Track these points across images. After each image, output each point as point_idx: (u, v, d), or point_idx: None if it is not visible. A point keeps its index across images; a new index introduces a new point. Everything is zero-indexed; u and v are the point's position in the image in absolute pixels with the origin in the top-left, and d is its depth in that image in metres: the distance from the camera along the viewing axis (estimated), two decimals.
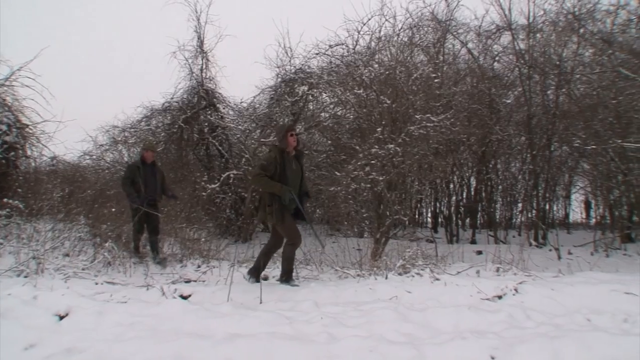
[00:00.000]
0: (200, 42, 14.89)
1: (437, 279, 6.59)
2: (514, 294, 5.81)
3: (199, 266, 8.65)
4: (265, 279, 7.41)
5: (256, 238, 13.72)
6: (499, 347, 3.76)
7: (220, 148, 14.46)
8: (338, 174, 10.71)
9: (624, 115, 12.77)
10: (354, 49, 13.69)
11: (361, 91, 10.95)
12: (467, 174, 17.77)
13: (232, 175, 13.53)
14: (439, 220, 19.28)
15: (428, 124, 9.86)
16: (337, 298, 5.84)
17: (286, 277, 6.82)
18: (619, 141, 11.70)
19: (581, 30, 13.50)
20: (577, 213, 22.47)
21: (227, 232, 13.89)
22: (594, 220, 20.21)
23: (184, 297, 5.85)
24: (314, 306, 5.20)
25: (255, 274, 7.03)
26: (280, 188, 6.56)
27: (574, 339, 3.89)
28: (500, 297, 5.72)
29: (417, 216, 20.01)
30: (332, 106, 14.70)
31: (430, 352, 3.71)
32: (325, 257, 9.07)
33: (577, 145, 13.81)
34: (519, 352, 3.71)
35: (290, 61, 14.51)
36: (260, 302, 5.56)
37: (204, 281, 7.41)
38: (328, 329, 4.25)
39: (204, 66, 14.98)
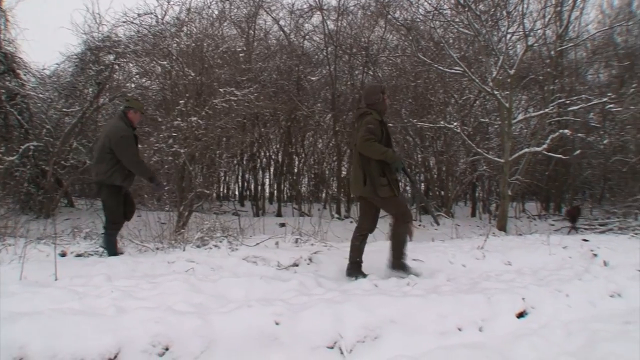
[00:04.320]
0: None
1: (235, 250, 6.55)
2: (308, 264, 5.99)
3: None
4: (63, 255, 6.78)
5: (59, 214, 12.88)
6: (283, 313, 3.80)
7: (19, 118, 13.18)
8: (140, 146, 10.27)
9: (421, 97, 13.74)
10: (162, 19, 13.11)
11: (166, 62, 10.56)
12: (275, 149, 18.01)
13: (32, 147, 12.49)
14: (246, 193, 19.47)
15: (232, 98, 9.82)
16: (132, 272, 5.62)
17: (402, 261, 5.70)
18: (415, 121, 12.55)
19: (388, 17, 14.16)
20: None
21: (27, 207, 12.76)
22: None
23: None
24: (107, 280, 4.98)
25: (357, 268, 5.81)
26: (392, 154, 5.49)
27: (357, 303, 4.04)
28: (294, 266, 5.79)
29: (224, 190, 20.04)
30: (138, 77, 14.11)
31: (215, 321, 3.66)
32: (128, 231, 8.61)
33: None
34: (302, 316, 3.79)
35: (98, 28, 13.49)
36: (56, 279, 5.16)
37: None
38: (117, 302, 4.06)
39: (2, 27, 13.51)
